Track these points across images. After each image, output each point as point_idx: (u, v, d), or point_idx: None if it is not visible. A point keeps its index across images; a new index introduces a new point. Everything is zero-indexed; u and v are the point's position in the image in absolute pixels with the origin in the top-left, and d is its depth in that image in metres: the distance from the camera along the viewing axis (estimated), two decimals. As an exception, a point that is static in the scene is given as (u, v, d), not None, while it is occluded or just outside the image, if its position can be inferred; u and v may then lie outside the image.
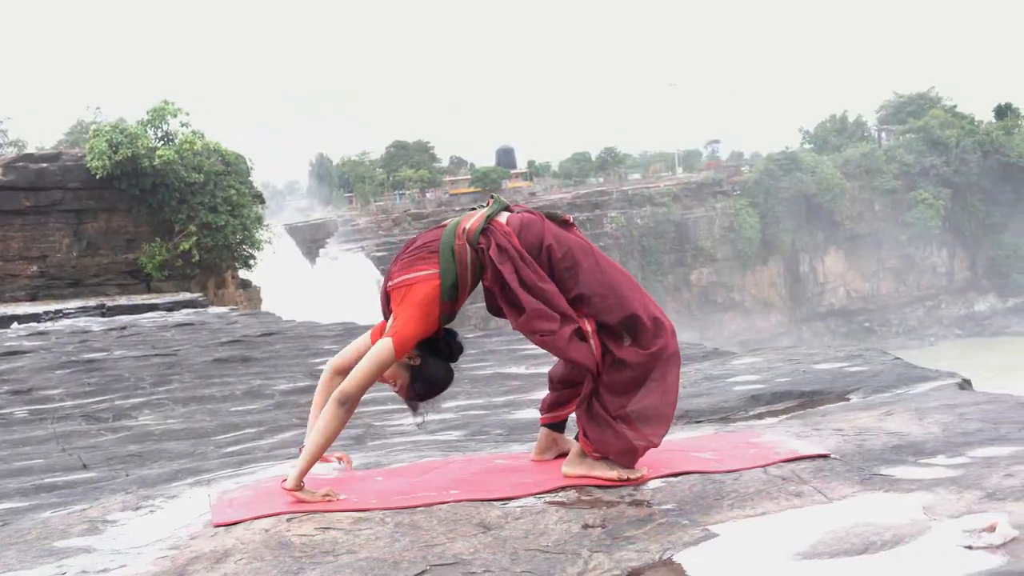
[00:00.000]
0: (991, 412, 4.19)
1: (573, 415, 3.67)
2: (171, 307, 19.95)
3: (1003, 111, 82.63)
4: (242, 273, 32.32)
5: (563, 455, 3.73)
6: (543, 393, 6.00)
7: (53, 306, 20.78)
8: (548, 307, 3.43)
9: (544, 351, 3.68)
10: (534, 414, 5.41)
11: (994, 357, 59.67)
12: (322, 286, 47.84)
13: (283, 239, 46.93)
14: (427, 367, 3.54)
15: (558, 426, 3.81)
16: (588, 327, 3.47)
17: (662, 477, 3.51)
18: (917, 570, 2.55)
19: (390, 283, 3.54)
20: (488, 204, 3.64)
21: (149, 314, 18.88)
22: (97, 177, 26.50)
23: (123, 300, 22.19)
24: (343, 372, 3.61)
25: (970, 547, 2.64)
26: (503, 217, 3.57)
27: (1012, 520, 2.75)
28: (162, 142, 28.59)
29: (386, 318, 3.58)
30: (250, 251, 30.60)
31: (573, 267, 3.50)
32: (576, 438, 3.60)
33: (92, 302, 21.76)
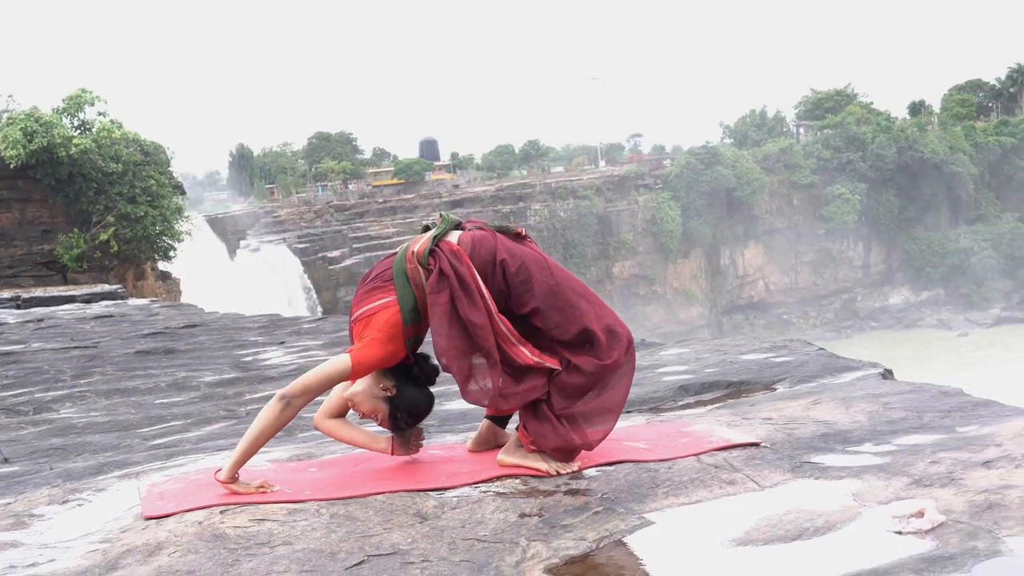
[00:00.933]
0: (914, 401, 4.29)
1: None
2: (89, 299, 19.52)
3: (917, 108, 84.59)
4: (162, 265, 31.92)
5: (499, 448, 3.73)
6: (472, 384, 6.03)
7: (-35, 298, 20.27)
8: (471, 343, 3.39)
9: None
10: (464, 405, 5.40)
11: (908, 348, 61.09)
12: (243, 277, 47.36)
13: (203, 230, 46.40)
14: (405, 395, 3.52)
15: (501, 420, 3.80)
16: (528, 357, 3.44)
17: (597, 466, 3.53)
18: (849, 555, 2.60)
19: (351, 318, 3.52)
20: (438, 223, 3.60)
21: (66, 306, 18.47)
22: (11, 167, 25.98)
23: (39, 292, 21.71)
24: (331, 414, 3.71)
25: (900, 532, 2.70)
26: (454, 236, 3.54)
27: (939, 506, 2.82)
28: (79, 131, 28.07)
29: None
30: (170, 242, 30.22)
31: (527, 280, 3.47)
32: (516, 429, 3.61)
33: (7, 294, 21.26)
